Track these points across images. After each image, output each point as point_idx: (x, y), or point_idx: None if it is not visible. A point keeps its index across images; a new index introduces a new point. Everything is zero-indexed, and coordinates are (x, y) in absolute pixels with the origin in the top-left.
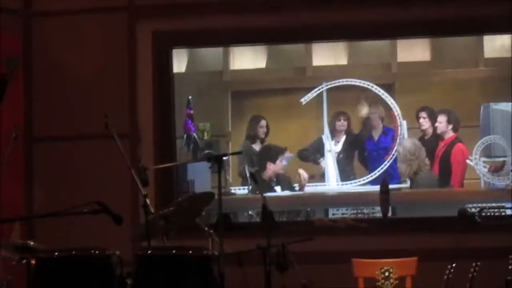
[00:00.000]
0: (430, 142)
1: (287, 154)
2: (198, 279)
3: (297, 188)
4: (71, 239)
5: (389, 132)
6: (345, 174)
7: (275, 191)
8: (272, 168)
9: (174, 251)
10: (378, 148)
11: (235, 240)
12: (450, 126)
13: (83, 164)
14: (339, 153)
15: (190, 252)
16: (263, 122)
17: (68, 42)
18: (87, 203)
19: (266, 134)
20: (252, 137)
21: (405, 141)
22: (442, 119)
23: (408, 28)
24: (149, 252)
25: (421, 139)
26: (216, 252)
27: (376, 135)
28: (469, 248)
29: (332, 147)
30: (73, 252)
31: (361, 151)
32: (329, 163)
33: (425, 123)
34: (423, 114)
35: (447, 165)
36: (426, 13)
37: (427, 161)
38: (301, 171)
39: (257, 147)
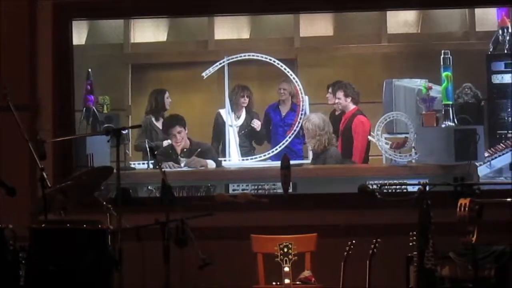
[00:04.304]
0: (340, 117)
1: None
2: (92, 253)
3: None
4: None
5: (297, 109)
6: (247, 149)
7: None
8: (183, 135)
9: (68, 225)
10: (284, 124)
11: (134, 215)
12: (349, 99)
13: None
14: (240, 128)
15: (85, 226)
16: (167, 93)
17: None
18: None
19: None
20: (156, 111)
21: (312, 116)
22: (340, 95)
23: (312, 2)
24: (43, 225)
25: (332, 114)
26: (113, 226)
27: (284, 110)
28: (369, 225)
29: (234, 122)
30: None
31: (267, 125)
32: (231, 139)
33: (331, 98)
34: (330, 89)
35: (349, 139)
36: None
37: (334, 136)
38: None
39: (159, 123)
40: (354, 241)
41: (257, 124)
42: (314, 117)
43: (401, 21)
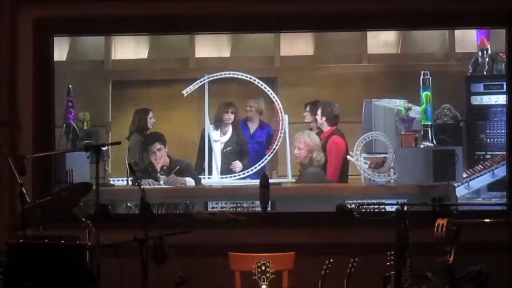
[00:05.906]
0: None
1: None
2: (70, 268)
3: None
4: None
5: (266, 127)
6: (227, 166)
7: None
8: (163, 153)
9: (46, 240)
10: (252, 141)
11: (112, 231)
12: (324, 119)
13: None
14: (225, 145)
15: (62, 241)
16: (151, 114)
17: None
18: None
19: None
20: (139, 130)
21: (309, 133)
22: (319, 112)
23: (292, 22)
24: (20, 241)
25: None
26: (91, 242)
27: (252, 127)
28: (347, 244)
29: (219, 138)
30: None
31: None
32: (214, 155)
33: (308, 116)
34: (308, 108)
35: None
36: (310, 7)
37: (323, 155)
38: None
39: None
40: (331, 260)
41: (238, 167)
42: (311, 134)
43: (381, 41)
